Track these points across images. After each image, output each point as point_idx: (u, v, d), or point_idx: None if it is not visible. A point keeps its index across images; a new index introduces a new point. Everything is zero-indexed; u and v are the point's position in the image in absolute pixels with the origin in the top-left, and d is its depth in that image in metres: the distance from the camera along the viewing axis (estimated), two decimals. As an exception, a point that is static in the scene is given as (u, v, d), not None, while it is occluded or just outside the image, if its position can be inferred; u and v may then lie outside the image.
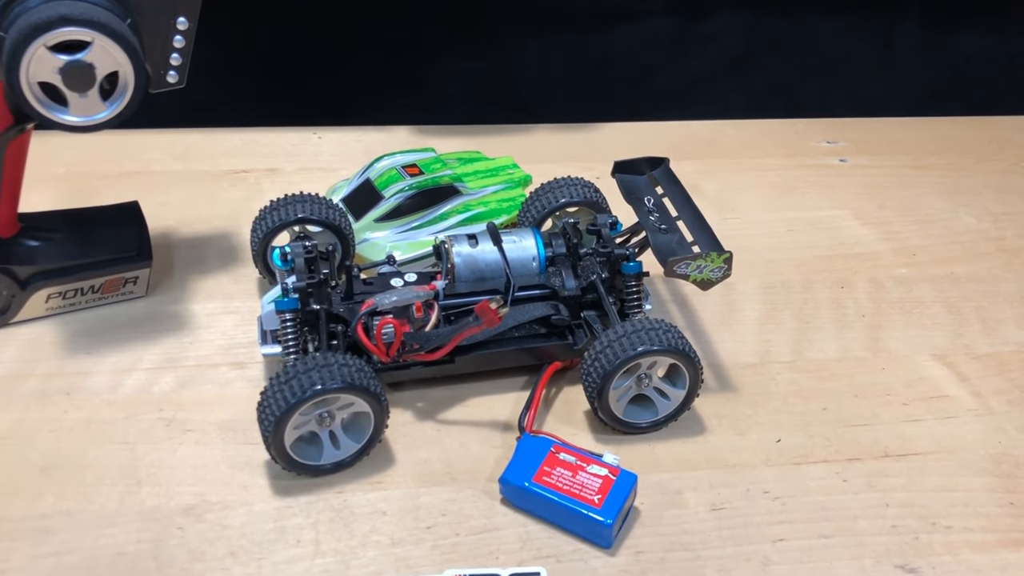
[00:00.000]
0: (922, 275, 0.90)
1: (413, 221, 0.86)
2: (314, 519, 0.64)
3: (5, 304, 0.76)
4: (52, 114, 0.67)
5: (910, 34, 1.32)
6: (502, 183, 0.91)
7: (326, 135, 1.07)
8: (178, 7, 0.71)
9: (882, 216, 0.99)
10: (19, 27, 0.63)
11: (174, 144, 1.02)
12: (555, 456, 0.66)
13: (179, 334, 0.78)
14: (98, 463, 0.67)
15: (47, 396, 0.72)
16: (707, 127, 1.14)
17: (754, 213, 0.98)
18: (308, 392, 0.63)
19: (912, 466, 0.70)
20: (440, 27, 1.22)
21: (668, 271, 0.71)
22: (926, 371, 0.79)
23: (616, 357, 0.67)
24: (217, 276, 0.85)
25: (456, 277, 0.75)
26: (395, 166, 0.88)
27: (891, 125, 1.16)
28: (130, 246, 0.81)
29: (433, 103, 1.26)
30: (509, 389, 0.75)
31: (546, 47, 1.26)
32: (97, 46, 0.65)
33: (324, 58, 1.20)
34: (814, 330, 0.83)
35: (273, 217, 0.79)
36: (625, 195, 0.80)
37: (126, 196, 0.87)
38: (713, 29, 1.28)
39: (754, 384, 0.77)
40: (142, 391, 0.73)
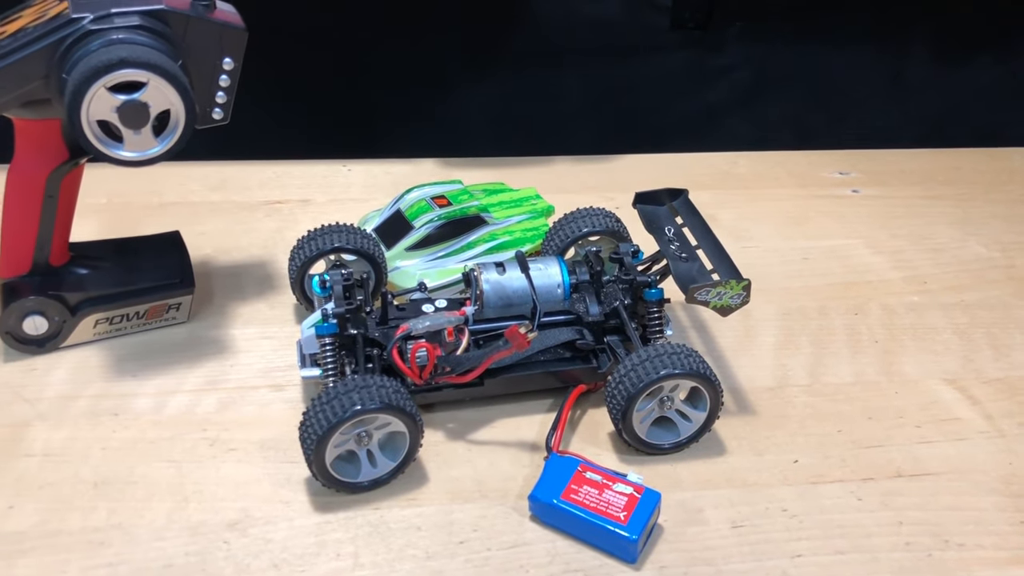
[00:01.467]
0: (933, 302, 0.93)
1: (442, 250, 0.89)
2: (353, 534, 0.67)
3: (56, 329, 0.80)
4: (109, 150, 0.71)
5: (919, 65, 1.36)
6: (526, 213, 0.95)
7: (355, 167, 1.11)
8: (224, 49, 0.75)
9: (894, 245, 1.02)
10: (81, 69, 0.68)
11: (210, 176, 1.07)
12: (582, 475, 0.69)
13: (220, 358, 0.82)
14: (146, 480, 0.70)
15: (96, 416, 0.75)
16: (722, 158, 1.17)
17: (770, 242, 1.02)
18: (348, 412, 0.66)
19: (925, 486, 0.73)
20: (461, 62, 1.26)
21: (689, 298, 0.75)
22: (938, 395, 0.82)
23: (640, 380, 0.71)
24: (254, 303, 0.88)
25: (485, 303, 0.78)
26: (424, 197, 0.92)
27: (902, 156, 1.19)
28: (173, 274, 0.84)
29: (455, 135, 1.30)
30: (535, 411, 0.78)
31: (563, 81, 1.30)
32: (152, 86, 0.69)
33: (351, 93, 1.25)
34: (829, 355, 0.86)
35: (311, 246, 0.83)
36: (646, 225, 0.84)
37: (166, 226, 0.91)
38: (726, 62, 1.33)
39: (772, 407, 0.80)
40: (186, 412, 0.77)
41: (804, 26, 1.30)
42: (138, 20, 0.71)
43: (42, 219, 0.78)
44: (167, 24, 0.72)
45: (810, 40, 1.32)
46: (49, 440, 0.73)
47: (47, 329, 0.80)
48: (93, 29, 0.70)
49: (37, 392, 0.77)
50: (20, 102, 0.72)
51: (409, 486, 0.71)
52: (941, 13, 1.31)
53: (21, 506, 0.67)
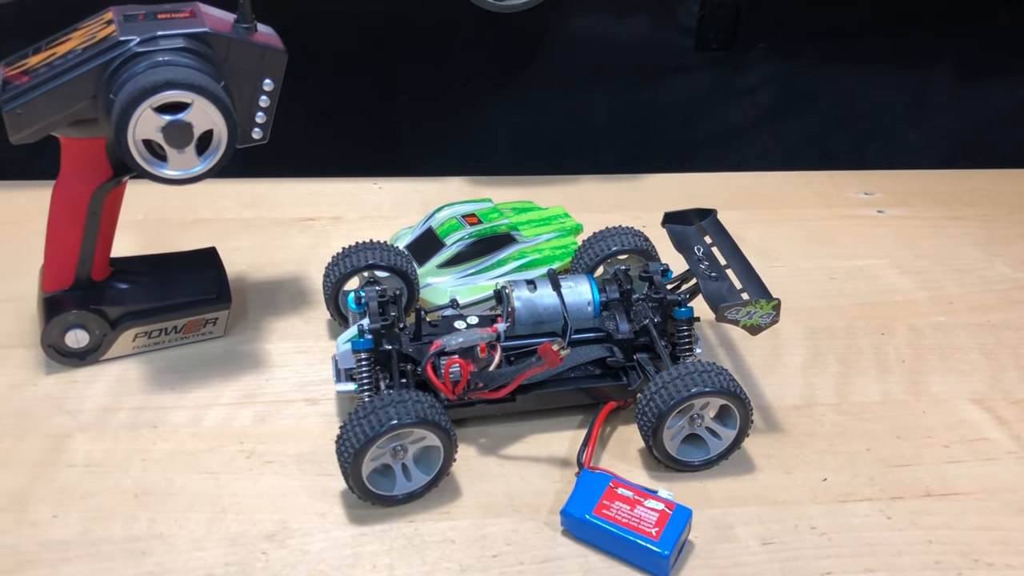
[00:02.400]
0: (959, 322, 0.94)
1: (473, 267, 0.91)
2: (388, 546, 0.68)
3: (96, 342, 0.82)
4: (153, 168, 0.73)
5: (943, 87, 1.36)
6: (555, 231, 0.96)
7: (386, 185, 1.12)
8: (265, 70, 0.77)
9: (919, 265, 1.03)
10: (128, 90, 0.70)
11: (243, 193, 1.09)
12: (614, 491, 0.70)
13: (256, 372, 0.83)
14: (185, 491, 0.72)
15: (136, 428, 0.77)
16: (748, 178, 1.18)
17: (796, 261, 1.02)
18: (385, 426, 0.67)
19: (954, 505, 0.73)
20: (488, 83, 1.28)
21: (719, 317, 0.76)
22: (965, 414, 0.83)
23: (671, 398, 0.72)
24: (289, 318, 0.90)
25: (516, 320, 0.79)
26: (455, 215, 0.94)
27: (927, 177, 1.20)
28: (210, 289, 0.86)
29: (483, 154, 1.32)
30: (566, 427, 0.79)
31: (589, 101, 1.32)
32: (196, 107, 0.71)
33: (381, 112, 1.27)
34: (857, 374, 0.87)
35: (345, 263, 0.85)
36: (675, 244, 0.85)
37: (201, 242, 0.93)
38: (750, 83, 1.34)
39: (800, 425, 0.80)
40: (223, 425, 0.78)
41: (828, 47, 1.31)
42: (183, 42, 0.73)
43: (85, 235, 0.80)
44: (210, 46, 0.74)
45: (834, 61, 1.33)
46: (91, 451, 0.74)
47: (88, 342, 0.82)
48: (139, 51, 0.72)
49: (78, 404, 0.79)
50: (68, 121, 0.74)
51: (443, 500, 0.72)
52: (965, 34, 1.32)
53: (65, 515, 0.69)
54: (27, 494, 0.70)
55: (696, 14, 1.27)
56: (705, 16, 1.27)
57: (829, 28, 1.30)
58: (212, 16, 0.77)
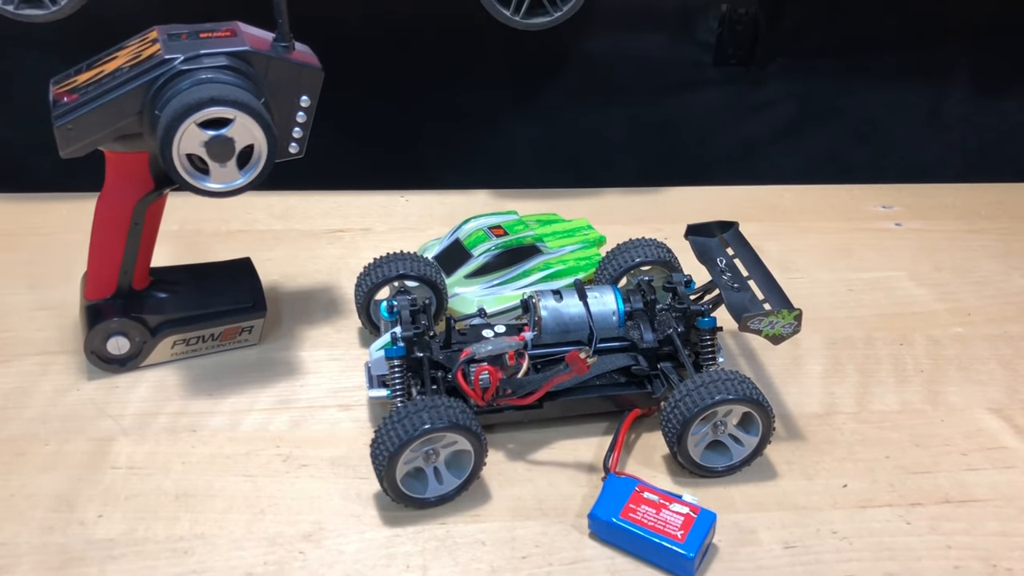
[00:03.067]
0: (977, 333, 0.96)
1: (499, 277, 0.93)
2: (421, 547, 0.70)
3: (137, 349, 0.85)
4: (196, 182, 0.76)
5: (959, 102, 1.38)
6: (579, 243, 0.99)
7: (413, 198, 1.15)
8: (302, 87, 0.80)
9: (938, 277, 1.04)
10: (173, 107, 0.73)
11: (274, 205, 1.12)
12: (639, 495, 0.72)
13: (290, 378, 0.86)
14: (224, 493, 0.74)
15: (176, 432, 0.80)
16: (768, 191, 1.20)
17: (816, 273, 1.04)
18: (418, 431, 0.70)
19: (973, 512, 0.75)
20: (512, 98, 1.31)
21: (742, 326, 0.78)
22: (983, 423, 0.84)
23: (695, 405, 0.74)
24: (321, 327, 0.93)
25: (543, 329, 0.82)
26: (482, 227, 0.96)
27: (944, 191, 1.22)
28: (246, 298, 0.89)
29: (506, 167, 1.34)
30: (592, 433, 0.81)
31: (610, 115, 1.34)
32: (238, 123, 0.74)
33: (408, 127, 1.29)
34: (876, 384, 0.88)
35: (377, 273, 0.87)
36: (698, 255, 0.87)
37: (234, 252, 0.96)
38: (769, 97, 1.36)
39: (821, 433, 0.82)
40: (259, 429, 0.81)
41: (845, 62, 1.33)
42: (225, 60, 0.76)
43: (127, 245, 0.83)
44: (251, 64, 0.77)
45: (851, 75, 1.34)
46: (133, 454, 0.77)
47: (129, 349, 0.84)
48: (184, 69, 0.75)
49: (120, 409, 0.82)
50: (114, 136, 0.77)
51: (473, 503, 0.74)
52: (981, 48, 1.34)
53: (109, 515, 0.72)
54: (74, 495, 0.73)
55: (715, 30, 1.30)
56: (724, 32, 1.30)
57: (846, 43, 1.33)
58: (252, 35, 0.80)
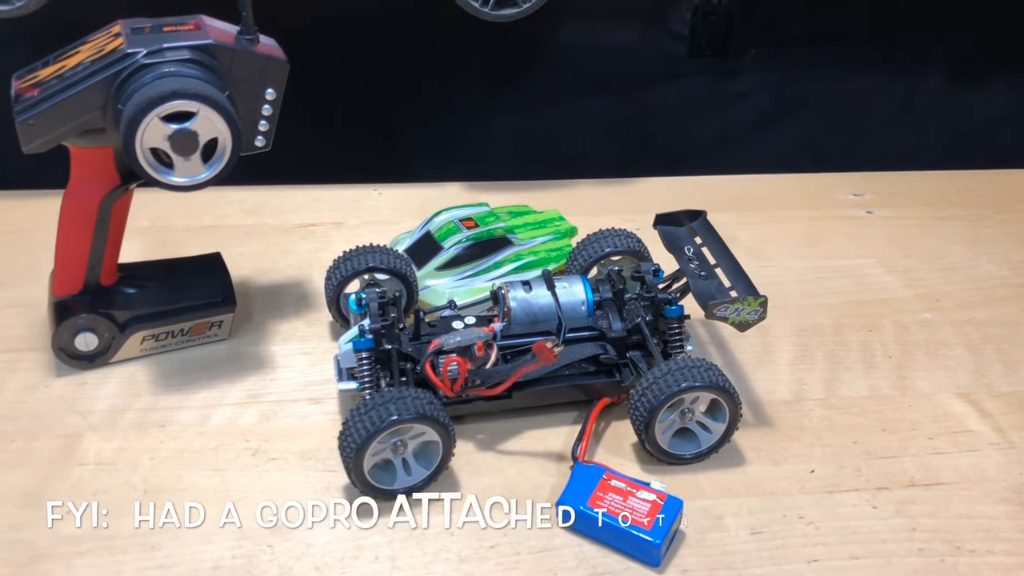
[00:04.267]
0: (945, 319, 0.96)
1: (470, 269, 0.93)
2: (389, 538, 0.71)
3: (105, 345, 0.84)
4: (160, 176, 0.76)
5: (932, 90, 1.39)
6: (550, 234, 0.99)
7: (386, 191, 1.15)
8: (268, 80, 0.80)
9: (907, 264, 1.05)
10: (136, 100, 0.72)
11: (246, 200, 1.11)
12: (607, 483, 0.72)
13: (260, 372, 0.86)
14: (193, 487, 0.74)
15: (144, 428, 0.80)
16: (739, 181, 1.21)
17: (786, 261, 1.05)
18: (385, 422, 0.70)
19: (938, 495, 0.76)
20: (486, 90, 1.31)
21: (708, 314, 0.78)
22: (950, 408, 0.85)
23: (662, 392, 0.74)
24: (292, 320, 0.93)
25: (512, 320, 0.82)
26: (453, 220, 0.96)
27: (915, 178, 1.23)
28: (216, 293, 0.89)
29: (480, 159, 1.34)
30: (561, 423, 0.81)
31: (584, 107, 1.34)
32: (202, 116, 0.74)
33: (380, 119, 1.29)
34: (844, 370, 0.89)
35: (346, 266, 0.87)
36: (666, 244, 0.87)
37: (205, 247, 0.96)
38: (743, 88, 1.36)
39: (789, 419, 0.83)
40: (229, 424, 0.80)
41: (819, 52, 1.34)
42: (188, 54, 0.76)
43: (94, 241, 0.82)
44: (215, 57, 0.77)
45: (825, 65, 1.35)
46: (101, 450, 0.77)
47: (97, 345, 0.84)
48: (146, 63, 0.75)
49: (89, 405, 0.81)
50: (78, 131, 0.76)
51: (442, 493, 0.74)
52: (954, 38, 1.34)
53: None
54: (41, 491, 0.73)
55: (689, 21, 1.30)
56: (698, 23, 1.30)
57: (820, 33, 1.33)
58: (216, 28, 0.79)
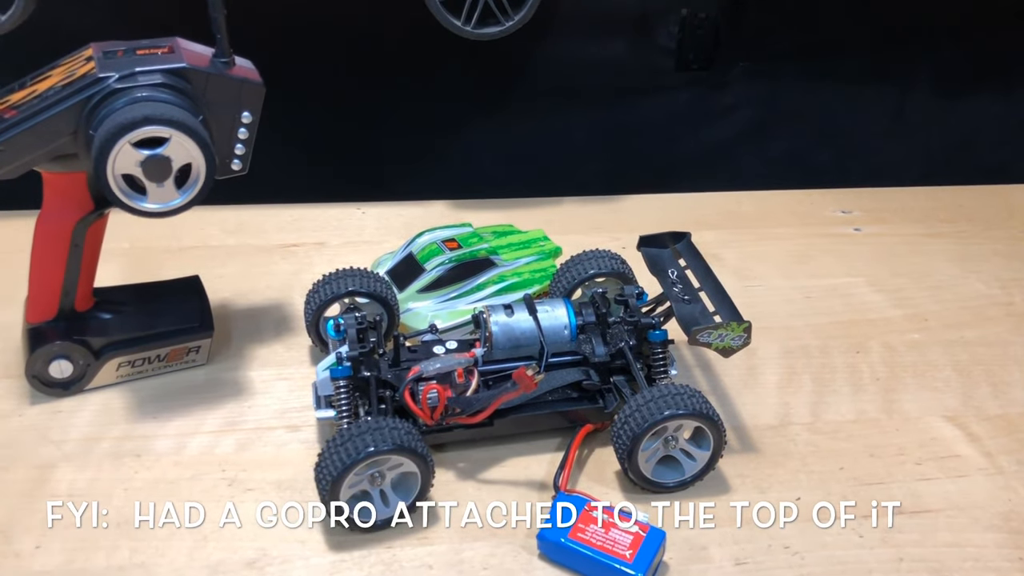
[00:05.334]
0: (934, 339, 0.95)
1: (453, 291, 0.92)
2: (367, 572, 0.69)
3: (80, 372, 0.83)
4: (133, 202, 0.74)
5: (921, 104, 1.38)
6: (534, 255, 0.98)
7: (369, 210, 1.14)
8: (243, 103, 0.79)
9: (895, 283, 1.04)
10: (107, 126, 0.71)
11: (228, 220, 1.10)
12: (589, 513, 0.71)
13: (238, 399, 0.85)
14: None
15: (119, 458, 0.78)
16: (726, 198, 1.20)
17: (773, 281, 1.04)
18: (362, 454, 0.68)
19: (925, 523, 0.75)
20: (470, 105, 1.30)
21: (692, 340, 0.77)
22: (938, 432, 0.84)
23: (644, 420, 0.73)
24: (271, 344, 0.91)
25: (494, 344, 0.81)
26: (435, 241, 0.95)
27: (903, 195, 1.22)
28: (193, 318, 0.87)
29: (465, 177, 1.33)
30: (544, 450, 0.80)
31: (570, 122, 1.33)
32: (174, 141, 0.73)
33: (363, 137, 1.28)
34: (831, 393, 0.88)
35: (326, 290, 0.86)
36: (650, 267, 0.86)
37: (186, 270, 0.94)
38: (730, 102, 1.36)
39: (775, 445, 0.82)
40: (205, 453, 0.79)
41: (806, 66, 1.33)
42: (161, 78, 0.75)
43: (68, 267, 0.81)
44: (188, 81, 0.76)
45: (812, 80, 1.34)
46: (74, 481, 0.75)
47: (72, 373, 0.83)
48: (118, 88, 0.74)
49: (62, 434, 0.80)
50: (50, 157, 0.75)
51: (420, 525, 0.73)
52: (942, 52, 1.34)
53: (47, 545, 0.70)
54: (11, 525, 0.71)
55: (676, 35, 1.29)
56: (684, 37, 1.29)
57: (807, 47, 1.32)
58: (190, 51, 0.78)
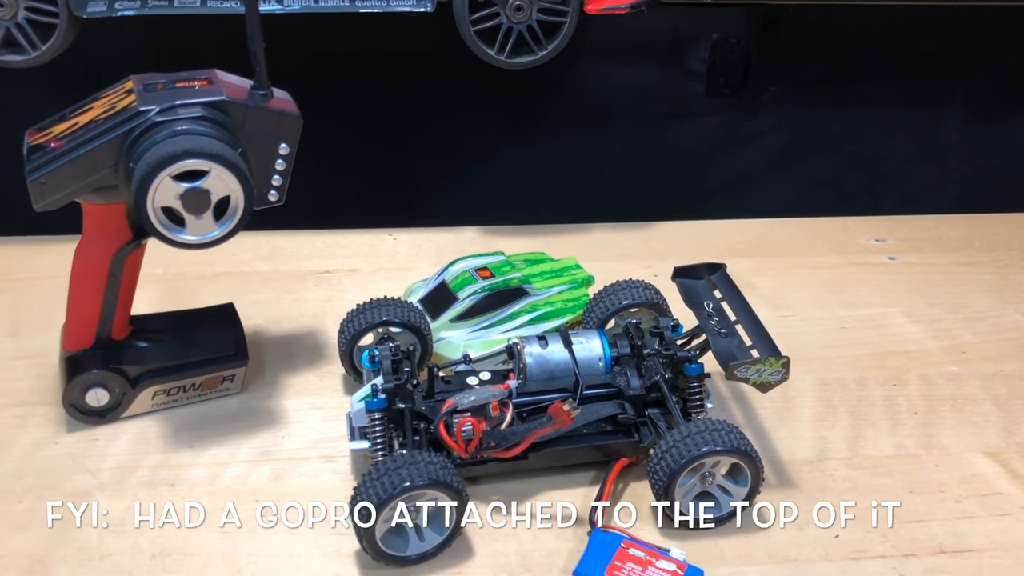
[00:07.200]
0: (972, 372, 0.94)
1: (486, 320, 0.92)
2: (402, 608, 0.69)
3: (116, 400, 0.83)
4: (171, 234, 0.75)
5: (953, 129, 1.37)
6: (566, 283, 0.97)
7: (400, 236, 1.14)
8: (281, 135, 0.79)
9: (931, 314, 1.03)
10: (148, 159, 0.72)
11: (261, 246, 1.11)
12: (625, 551, 0.70)
13: (272, 429, 0.85)
14: (202, 551, 0.73)
15: (154, 487, 0.78)
16: (759, 225, 1.19)
17: (807, 310, 1.03)
18: (398, 488, 0.68)
19: (968, 563, 0.73)
20: (500, 130, 1.30)
21: (729, 375, 0.76)
22: (979, 468, 0.82)
23: (682, 457, 0.72)
24: (305, 373, 0.91)
25: (528, 376, 0.80)
26: (468, 269, 0.95)
27: (938, 222, 1.20)
28: (228, 346, 0.88)
29: (495, 202, 1.33)
30: (578, 483, 0.79)
31: (601, 147, 1.33)
32: (214, 174, 0.73)
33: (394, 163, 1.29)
34: (868, 427, 0.87)
35: (360, 320, 0.86)
36: (685, 299, 0.85)
37: (218, 296, 0.95)
38: (761, 127, 1.35)
39: (812, 480, 0.81)
40: (239, 483, 0.79)
41: (837, 91, 1.33)
42: (200, 111, 0.75)
43: (106, 296, 0.82)
44: (227, 114, 0.76)
45: (843, 104, 1.34)
46: (110, 510, 0.76)
47: (108, 401, 0.83)
48: (159, 120, 0.74)
49: (98, 463, 0.80)
50: (90, 188, 0.76)
51: (455, 560, 0.72)
52: (975, 75, 1.33)
53: (83, 575, 0.70)
54: (47, 555, 0.72)
55: (706, 60, 1.29)
56: (715, 62, 1.29)
57: (838, 71, 1.32)
58: (229, 83, 0.79)
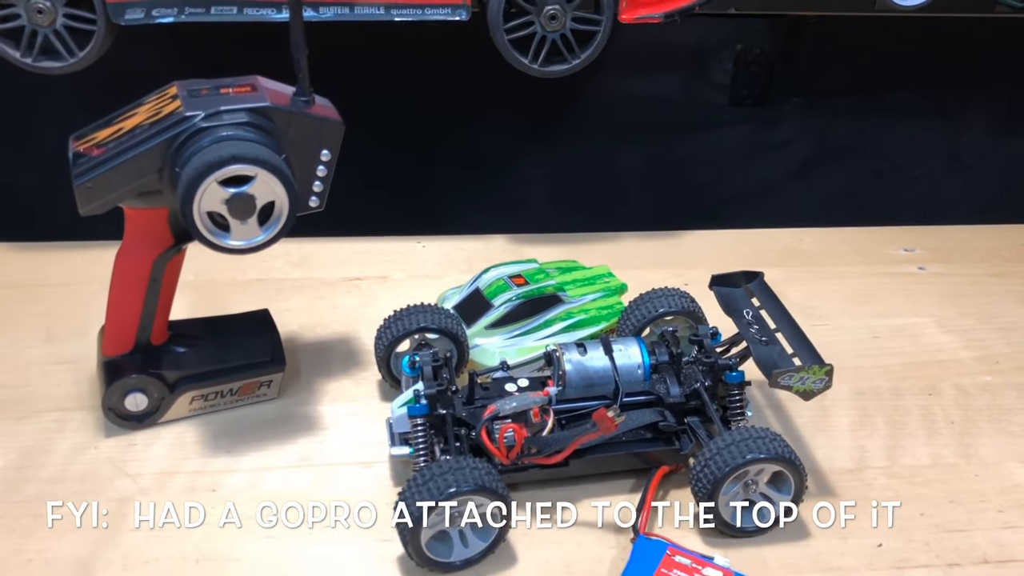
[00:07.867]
0: (1006, 382, 0.94)
1: (520, 328, 0.92)
2: (447, 615, 0.69)
3: (155, 405, 0.84)
4: (217, 239, 0.75)
5: (976, 139, 1.37)
6: (600, 291, 0.97)
7: (430, 244, 1.14)
8: (323, 141, 0.79)
9: (963, 323, 1.03)
10: (194, 165, 0.72)
11: (291, 253, 1.11)
12: (671, 558, 0.70)
13: (310, 434, 0.85)
14: (246, 556, 0.73)
15: (195, 492, 0.78)
16: (787, 234, 1.19)
17: (839, 320, 1.03)
18: (444, 493, 0.68)
19: (1013, 573, 0.73)
20: (526, 140, 1.30)
21: (773, 383, 0.76)
22: (1019, 478, 0.82)
23: (726, 464, 0.72)
24: (340, 379, 0.91)
25: (567, 383, 0.80)
26: (502, 277, 0.95)
27: (966, 232, 1.21)
28: (265, 352, 0.88)
29: (521, 210, 1.34)
30: (619, 491, 0.79)
31: (626, 157, 1.34)
32: (259, 180, 0.73)
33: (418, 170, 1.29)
34: (905, 436, 0.87)
35: (397, 326, 0.86)
36: (724, 307, 0.85)
37: (251, 302, 0.95)
38: (785, 137, 1.35)
39: (852, 489, 0.80)
40: (280, 488, 0.79)
41: (860, 102, 1.33)
42: (245, 117, 0.75)
43: (146, 301, 0.82)
44: (271, 120, 0.77)
45: (866, 115, 1.34)
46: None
47: (147, 406, 0.83)
48: (204, 126, 0.74)
49: (138, 467, 0.80)
50: (134, 193, 0.76)
51: (499, 567, 0.72)
52: (997, 87, 1.33)
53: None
54: (93, 560, 0.72)
55: (730, 71, 1.30)
56: (738, 73, 1.30)
57: (862, 82, 1.32)
58: (272, 90, 0.79)
